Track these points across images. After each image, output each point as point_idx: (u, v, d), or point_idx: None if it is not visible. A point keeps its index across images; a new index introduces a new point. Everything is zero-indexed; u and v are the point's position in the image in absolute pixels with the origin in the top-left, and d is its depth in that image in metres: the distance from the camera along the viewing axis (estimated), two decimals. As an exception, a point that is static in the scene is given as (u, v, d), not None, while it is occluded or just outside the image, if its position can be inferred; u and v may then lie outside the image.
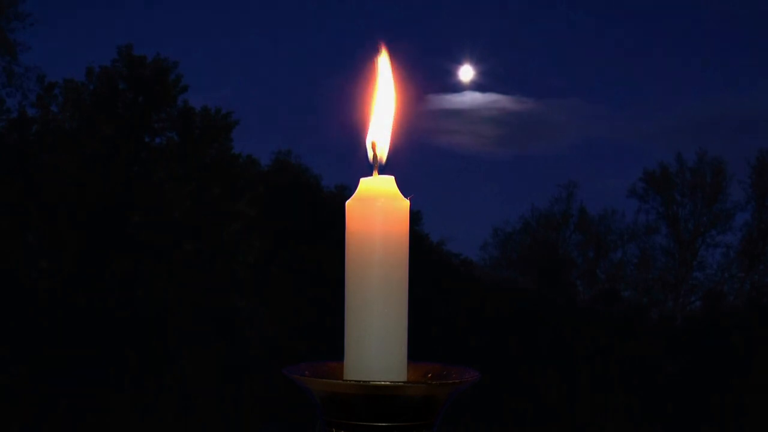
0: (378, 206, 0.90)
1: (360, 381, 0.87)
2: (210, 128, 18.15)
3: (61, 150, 16.80)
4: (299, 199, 20.40)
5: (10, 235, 15.90)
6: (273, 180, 20.79)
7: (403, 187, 0.92)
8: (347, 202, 0.91)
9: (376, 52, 0.97)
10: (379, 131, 0.96)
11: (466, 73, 26.60)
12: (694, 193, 25.60)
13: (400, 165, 0.96)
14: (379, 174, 0.93)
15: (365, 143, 0.96)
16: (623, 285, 25.30)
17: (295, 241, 18.89)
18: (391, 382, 0.86)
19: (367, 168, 0.94)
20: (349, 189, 0.93)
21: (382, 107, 0.96)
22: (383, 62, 0.97)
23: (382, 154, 0.95)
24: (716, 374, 19.22)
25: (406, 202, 0.91)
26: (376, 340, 0.89)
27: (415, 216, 19.95)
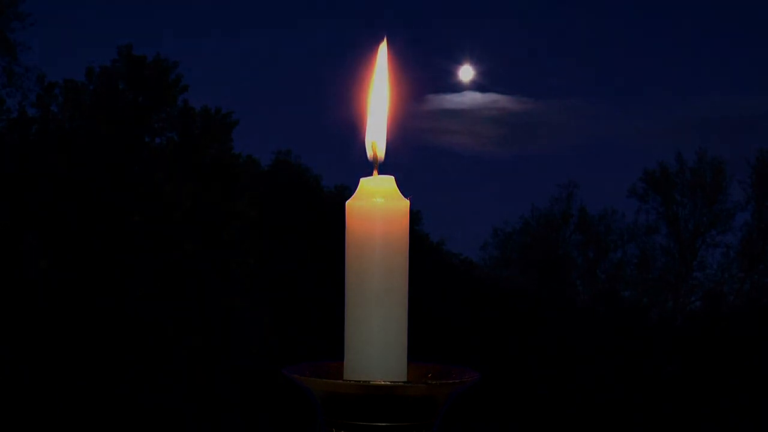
0: (378, 206, 0.90)
1: (360, 381, 0.87)
2: (210, 128, 18.15)
3: (61, 150, 16.81)
4: (299, 199, 20.40)
5: (10, 235, 15.90)
6: (273, 180, 20.79)
7: (403, 187, 0.92)
8: (347, 202, 0.91)
9: (377, 45, 0.97)
10: (377, 129, 0.96)
11: (466, 73, 26.63)
12: (694, 193, 25.61)
13: (400, 165, 0.96)
14: (379, 174, 0.93)
15: (364, 142, 0.96)
16: (623, 285, 25.31)
17: (295, 241, 18.89)
18: (391, 382, 0.86)
19: (367, 168, 0.94)
20: (349, 189, 0.93)
21: (378, 104, 0.96)
22: (381, 58, 0.97)
23: (381, 152, 0.95)
24: (716, 374, 19.22)
25: (406, 202, 0.91)
26: (376, 340, 0.89)
27: (415, 216, 19.95)
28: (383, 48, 0.97)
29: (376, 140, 0.95)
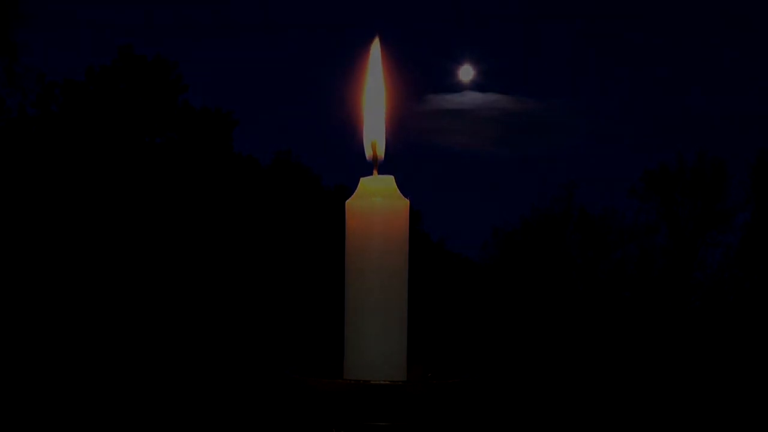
0: (378, 206, 0.90)
1: (360, 381, 0.87)
2: (210, 128, 18.16)
3: (61, 150, 16.81)
4: (299, 200, 20.40)
5: (9, 235, 15.91)
6: (273, 180, 20.80)
7: (403, 187, 0.92)
8: (347, 202, 0.91)
9: (369, 45, 0.96)
10: (377, 128, 0.96)
11: (466, 73, 26.65)
12: (694, 193, 25.61)
13: (400, 165, 0.96)
14: (379, 174, 0.93)
15: (363, 142, 0.96)
16: (623, 285, 25.31)
17: (296, 241, 18.90)
18: (391, 382, 0.86)
19: (367, 168, 0.94)
20: (349, 189, 0.92)
21: (375, 104, 0.96)
22: (374, 56, 0.96)
23: (381, 151, 0.95)
24: (716, 375, 19.23)
25: (406, 202, 0.91)
26: (376, 340, 0.89)
27: (415, 216, 19.94)
28: (375, 46, 0.96)
29: (376, 139, 0.95)
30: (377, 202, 0.90)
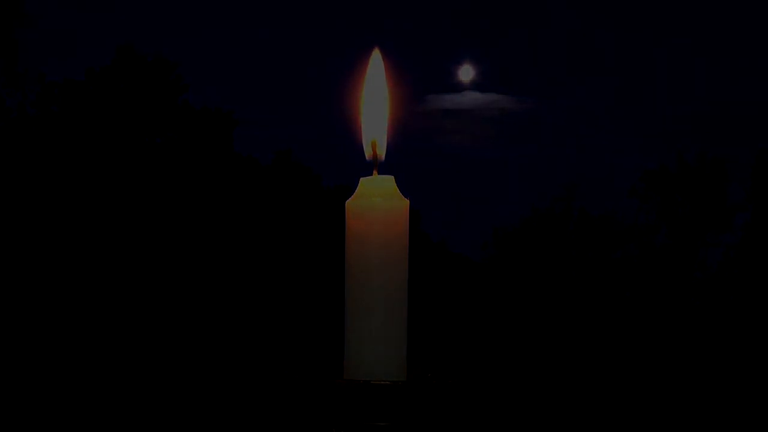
0: (378, 206, 0.90)
1: (360, 381, 0.87)
2: (210, 128, 18.16)
3: (61, 150, 16.81)
4: (299, 200, 20.40)
5: (9, 236, 15.91)
6: (273, 180, 20.80)
7: (403, 187, 0.92)
8: (347, 202, 0.91)
9: (370, 49, 0.96)
10: (378, 128, 0.96)
11: (466, 73, 26.66)
12: (694, 193, 25.62)
13: (400, 165, 0.96)
14: (379, 174, 0.93)
15: (362, 142, 0.96)
16: (623, 285, 25.32)
17: (296, 241, 18.90)
18: (391, 382, 0.86)
19: (367, 168, 0.94)
20: (349, 189, 0.92)
21: (375, 104, 0.96)
22: (375, 61, 0.96)
23: (382, 151, 0.95)
24: (717, 375, 19.22)
25: (406, 202, 0.91)
26: (376, 340, 0.89)
27: (415, 216, 19.92)
28: (376, 57, 0.96)
29: (376, 139, 0.95)
30: (377, 202, 0.90)
